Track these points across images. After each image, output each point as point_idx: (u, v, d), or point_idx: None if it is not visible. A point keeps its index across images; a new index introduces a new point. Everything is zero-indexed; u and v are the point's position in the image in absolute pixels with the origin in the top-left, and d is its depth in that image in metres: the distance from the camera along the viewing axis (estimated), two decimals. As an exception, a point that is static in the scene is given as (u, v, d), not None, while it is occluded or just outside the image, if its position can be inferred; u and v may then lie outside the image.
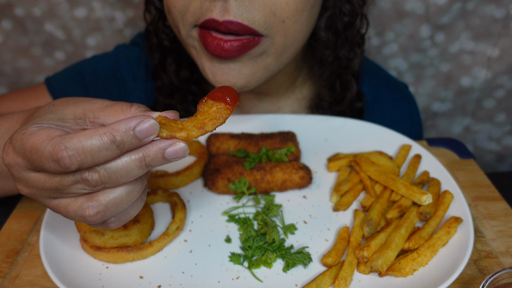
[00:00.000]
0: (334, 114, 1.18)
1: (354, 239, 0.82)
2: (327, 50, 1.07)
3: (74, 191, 0.60)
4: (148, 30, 1.16)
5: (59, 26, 1.68)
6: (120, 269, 0.79)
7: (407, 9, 1.60)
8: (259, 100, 1.22)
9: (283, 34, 0.90)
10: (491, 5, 1.58)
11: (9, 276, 0.82)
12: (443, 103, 1.82)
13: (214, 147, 1.05)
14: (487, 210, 0.94)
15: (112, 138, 0.56)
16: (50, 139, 0.57)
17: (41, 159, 0.57)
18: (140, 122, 0.57)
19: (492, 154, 1.95)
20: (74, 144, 0.56)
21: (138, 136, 0.58)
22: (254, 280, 0.77)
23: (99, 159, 0.57)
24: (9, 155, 0.60)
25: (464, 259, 0.75)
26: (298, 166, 0.96)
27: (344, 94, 1.15)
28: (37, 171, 0.60)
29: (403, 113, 1.30)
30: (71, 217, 0.62)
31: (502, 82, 1.74)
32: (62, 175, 0.59)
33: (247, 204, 0.94)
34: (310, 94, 1.23)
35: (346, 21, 1.03)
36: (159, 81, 1.20)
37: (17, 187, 0.64)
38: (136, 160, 0.59)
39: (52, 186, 0.60)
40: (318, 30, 1.02)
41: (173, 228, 0.85)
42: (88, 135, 0.56)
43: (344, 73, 1.12)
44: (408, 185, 0.88)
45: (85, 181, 0.59)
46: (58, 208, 0.62)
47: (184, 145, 0.61)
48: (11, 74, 1.81)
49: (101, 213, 0.60)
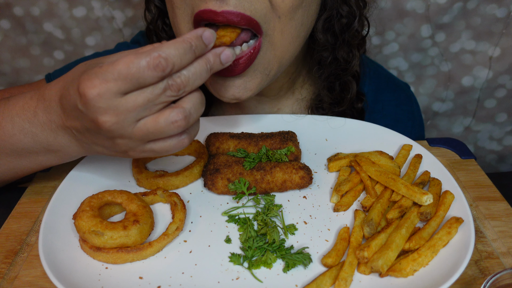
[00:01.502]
0: (334, 114, 1.18)
1: (354, 240, 0.82)
2: (325, 52, 1.07)
3: (163, 99, 0.71)
4: (149, 29, 1.17)
5: (58, 25, 1.68)
6: (120, 270, 0.79)
7: (408, 9, 1.60)
8: (259, 102, 1.22)
9: (280, 31, 0.91)
10: (492, 5, 1.58)
11: (8, 276, 0.81)
12: (444, 103, 1.82)
13: (214, 147, 1.05)
14: (488, 211, 0.94)
15: (189, 44, 0.70)
16: (138, 54, 0.67)
17: (139, 71, 0.67)
18: (204, 31, 0.72)
19: (493, 154, 1.95)
20: (165, 51, 0.68)
21: (204, 42, 0.72)
22: (254, 280, 0.77)
23: (183, 62, 0.70)
24: (97, 85, 0.68)
25: (465, 259, 0.75)
26: (298, 166, 0.96)
27: (343, 94, 1.15)
28: (127, 92, 0.69)
29: (404, 113, 1.30)
30: (161, 127, 0.71)
31: (503, 81, 1.74)
32: (153, 85, 0.69)
33: (247, 204, 0.93)
34: (309, 95, 1.23)
35: (344, 23, 1.03)
36: None
37: (101, 121, 0.70)
38: (204, 64, 0.73)
39: (144, 100, 0.69)
40: (316, 32, 1.03)
41: (173, 228, 0.84)
42: (172, 43, 0.69)
43: (343, 74, 1.12)
44: (409, 185, 0.88)
45: (171, 86, 0.70)
46: (145, 126, 0.71)
47: (231, 50, 0.77)
48: (10, 73, 1.81)
49: (186, 118, 0.72)
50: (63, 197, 0.91)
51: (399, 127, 1.16)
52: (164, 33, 1.13)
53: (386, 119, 1.26)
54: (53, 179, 1.06)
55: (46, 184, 1.05)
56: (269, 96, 1.20)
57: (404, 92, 1.34)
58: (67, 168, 1.01)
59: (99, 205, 0.86)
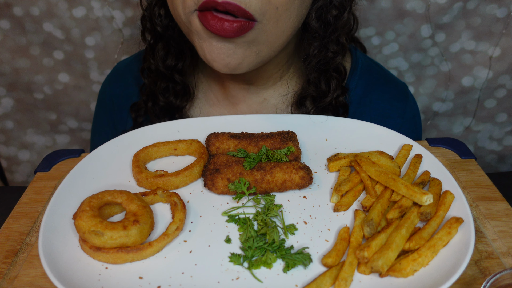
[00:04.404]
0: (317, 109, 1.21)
1: (354, 240, 0.82)
2: (315, 41, 1.11)
3: None
4: (144, 15, 1.21)
5: (57, 25, 1.68)
6: (120, 270, 0.79)
7: (408, 9, 1.60)
8: (246, 91, 1.25)
9: (275, 21, 0.96)
10: (492, 5, 1.58)
11: (7, 276, 0.81)
12: (444, 103, 1.82)
13: (214, 147, 1.05)
14: (488, 211, 0.94)
15: None
16: None
17: None
18: None
19: (493, 154, 1.95)
20: None
21: None
22: (254, 280, 0.77)
23: None
24: None
25: (465, 259, 0.75)
26: (298, 166, 0.96)
27: (328, 88, 1.19)
28: None
29: (394, 110, 1.30)
30: None
31: (503, 81, 1.74)
32: None
33: (247, 204, 0.93)
34: (295, 89, 1.27)
35: (335, 14, 1.09)
36: (146, 64, 1.26)
37: None
38: None
39: None
40: (309, 19, 1.08)
41: (173, 228, 0.84)
42: None
43: (328, 69, 1.17)
44: (409, 185, 0.88)
45: None
46: None
47: None
48: (10, 73, 1.81)
49: None
50: (63, 197, 0.91)
51: (388, 123, 1.19)
52: (159, 21, 1.16)
53: (373, 113, 1.28)
54: (53, 179, 1.06)
55: (46, 184, 1.05)
56: (257, 85, 1.24)
57: (397, 89, 1.33)
58: (67, 168, 1.01)
59: (99, 205, 0.85)
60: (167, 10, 1.13)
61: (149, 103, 1.27)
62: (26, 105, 1.90)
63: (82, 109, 1.90)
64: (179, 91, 1.25)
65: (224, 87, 1.27)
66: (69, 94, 1.86)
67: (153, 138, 1.09)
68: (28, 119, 1.94)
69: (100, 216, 0.83)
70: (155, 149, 1.05)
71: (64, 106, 1.89)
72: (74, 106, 1.89)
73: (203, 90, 1.31)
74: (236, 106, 1.29)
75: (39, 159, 2.03)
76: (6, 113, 1.92)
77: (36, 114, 1.92)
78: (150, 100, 1.27)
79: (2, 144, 2.01)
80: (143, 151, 1.04)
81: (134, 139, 1.08)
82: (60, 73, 1.80)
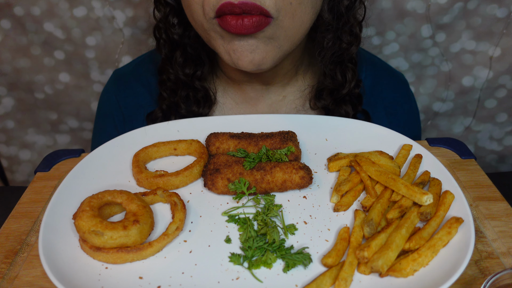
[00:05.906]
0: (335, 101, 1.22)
1: (354, 240, 0.82)
2: (328, 34, 1.12)
3: None
4: (158, 26, 1.21)
5: (58, 25, 1.68)
6: (120, 270, 0.79)
7: (408, 9, 1.60)
8: (266, 90, 1.26)
9: (291, 16, 0.97)
10: (492, 5, 1.58)
11: (7, 276, 0.81)
12: (444, 103, 1.82)
13: (214, 147, 1.05)
14: (488, 211, 0.94)
15: None
16: None
17: None
18: None
19: (493, 154, 1.95)
20: None
21: None
22: (254, 280, 0.77)
23: None
24: None
25: (465, 259, 0.75)
26: (298, 166, 0.96)
27: (344, 80, 1.21)
28: None
29: (402, 96, 1.37)
30: None
31: (503, 81, 1.74)
32: None
33: (247, 204, 0.93)
34: (312, 83, 1.28)
35: (346, 3, 1.10)
36: (165, 76, 1.24)
37: None
38: None
39: None
40: (322, 11, 1.09)
41: (173, 228, 0.84)
42: None
43: (343, 60, 1.18)
44: (409, 185, 0.88)
45: None
46: None
47: None
48: (11, 73, 1.81)
49: None
50: (63, 197, 0.91)
51: (398, 109, 1.23)
52: (174, 29, 1.16)
53: (385, 101, 1.31)
54: (53, 179, 1.06)
55: (46, 184, 1.05)
56: (275, 84, 1.25)
57: (399, 78, 1.41)
58: (67, 168, 1.01)
59: (99, 205, 0.86)
60: (181, 19, 1.14)
61: (172, 116, 1.25)
62: (27, 105, 1.90)
63: (83, 109, 1.91)
64: (200, 98, 1.25)
65: (241, 90, 1.27)
66: (70, 94, 1.86)
67: (153, 138, 1.09)
68: (28, 119, 1.94)
69: (100, 216, 0.83)
70: (155, 149, 1.05)
71: (64, 106, 1.90)
72: (75, 106, 1.89)
73: (222, 96, 1.30)
74: (255, 107, 1.29)
75: (39, 158, 2.03)
76: (7, 112, 1.92)
77: (37, 113, 1.93)
78: (172, 113, 1.26)
79: (3, 144, 2.02)
80: (143, 151, 1.04)
81: (134, 139, 1.08)
82: (60, 73, 1.81)
